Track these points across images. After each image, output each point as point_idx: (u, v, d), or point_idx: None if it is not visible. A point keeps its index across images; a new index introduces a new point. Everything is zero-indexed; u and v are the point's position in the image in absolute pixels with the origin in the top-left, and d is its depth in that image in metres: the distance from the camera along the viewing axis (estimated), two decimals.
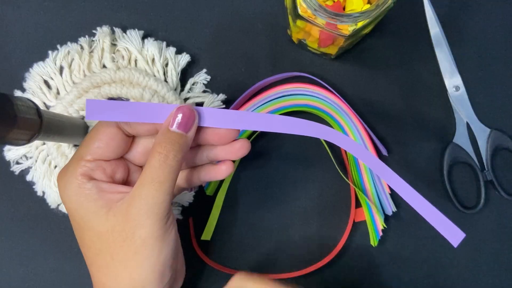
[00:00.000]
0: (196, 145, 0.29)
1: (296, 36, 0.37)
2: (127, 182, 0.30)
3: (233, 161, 0.30)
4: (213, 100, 0.38)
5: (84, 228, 0.27)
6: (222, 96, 0.39)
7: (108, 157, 0.28)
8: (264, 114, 0.27)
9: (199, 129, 0.27)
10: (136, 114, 0.26)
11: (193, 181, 0.30)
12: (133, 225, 0.25)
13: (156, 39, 0.39)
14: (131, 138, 0.29)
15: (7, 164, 0.39)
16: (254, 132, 0.38)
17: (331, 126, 0.38)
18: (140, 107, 0.26)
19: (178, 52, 0.39)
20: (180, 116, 0.26)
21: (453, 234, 0.26)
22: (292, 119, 0.27)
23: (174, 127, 0.26)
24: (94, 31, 0.39)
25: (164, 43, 0.39)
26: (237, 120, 0.27)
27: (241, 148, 0.28)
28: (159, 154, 0.25)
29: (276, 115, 0.27)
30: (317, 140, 0.39)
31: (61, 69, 0.39)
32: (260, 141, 0.39)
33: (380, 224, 0.37)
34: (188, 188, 0.31)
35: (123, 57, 0.39)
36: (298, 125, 0.27)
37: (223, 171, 0.29)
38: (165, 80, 0.39)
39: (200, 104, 0.39)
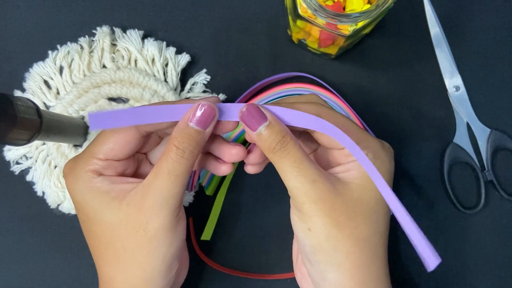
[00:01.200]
0: None
1: (296, 36, 0.37)
2: (135, 174, 0.30)
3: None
4: None
5: (95, 220, 0.27)
6: (222, 96, 0.39)
7: (121, 158, 0.28)
8: (274, 107, 0.27)
9: None
10: (139, 118, 0.25)
11: (197, 166, 0.31)
12: (147, 216, 0.25)
13: (156, 39, 0.39)
14: (148, 136, 0.29)
15: (7, 164, 0.39)
16: None
17: None
18: (141, 111, 0.25)
19: (178, 52, 0.39)
20: (200, 113, 0.26)
21: (430, 257, 0.25)
22: (298, 113, 0.27)
23: (193, 124, 0.26)
24: (94, 31, 0.39)
25: (164, 43, 0.39)
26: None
27: (236, 155, 0.28)
28: (177, 149, 0.25)
29: (282, 107, 0.27)
30: None
31: (61, 69, 0.39)
32: None
33: None
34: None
35: (123, 57, 0.39)
36: (304, 118, 0.26)
37: (222, 170, 0.30)
38: (165, 80, 0.39)
39: None
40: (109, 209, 0.26)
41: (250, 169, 0.30)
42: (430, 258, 0.24)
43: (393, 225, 0.30)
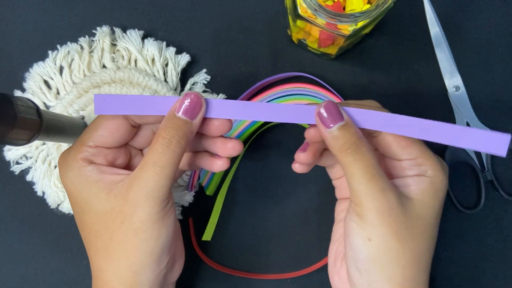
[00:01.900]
0: None
1: (296, 36, 0.37)
2: (128, 166, 0.30)
3: (232, 159, 0.30)
4: None
5: (84, 209, 0.27)
6: (222, 96, 0.39)
7: (111, 146, 0.28)
8: (271, 104, 0.26)
9: None
10: (145, 106, 0.26)
11: (191, 166, 0.31)
12: (132, 207, 0.25)
13: (156, 39, 0.39)
14: (137, 127, 0.29)
15: (7, 164, 0.39)
16: (254, 132, 0.38)
17: None
18: (148, 100, 0.26)
19: (178, 52, 0.39)
20: (187, 102, 0.26)
21: (497, 139, 0.23)
22: (302, 106, 0.26)
23: (180, 113, 0.26)
24: (94, 31, 0.39)
25: (164, 43, 0.39)
26: (245, 111, 0.27)
27: (232, 148, 0.28)
28: (162, 139, 0.25)
29: (286, 104, 0.26)
30: None
31: (61, 69, 0.39)
32: (260, 141, 0.39)
33: None
34: (187, 170, 0.31)
35: (123, 57, 0.39)
36: (310, 113, 0.26)
37: (218, 166, 0.30)
38: (165, 80, 0.39)
39: None
40: (98, 199, 0.26)
41: (299, 168, 0.30)
42: (498, 140, 0.23)
43: None
